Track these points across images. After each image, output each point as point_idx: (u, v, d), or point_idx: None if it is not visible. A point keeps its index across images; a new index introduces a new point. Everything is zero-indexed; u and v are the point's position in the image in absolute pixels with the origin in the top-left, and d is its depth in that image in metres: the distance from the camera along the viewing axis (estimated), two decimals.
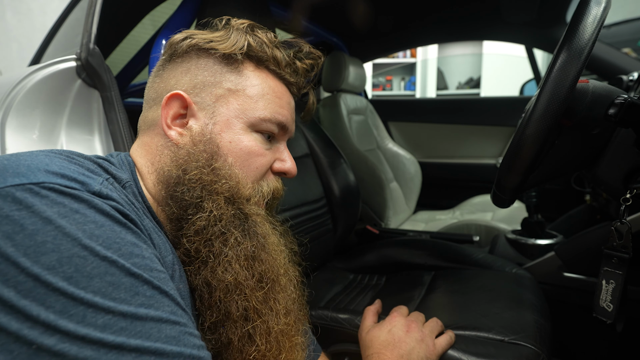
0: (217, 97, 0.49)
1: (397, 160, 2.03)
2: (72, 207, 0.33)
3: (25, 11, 2.38)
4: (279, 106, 0.51)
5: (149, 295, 0.34)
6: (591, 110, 0.57)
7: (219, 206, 0.45)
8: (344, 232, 1.31)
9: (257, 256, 0.46)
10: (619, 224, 0.60)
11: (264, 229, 0.48)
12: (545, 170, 0.64)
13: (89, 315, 0.30)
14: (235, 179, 0.47)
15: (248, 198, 0.48)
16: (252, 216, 0.48)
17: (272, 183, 0.53)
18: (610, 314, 0.60)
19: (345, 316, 0.82)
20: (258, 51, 0.50)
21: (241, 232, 0.46)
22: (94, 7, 0.74)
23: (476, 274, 1.09)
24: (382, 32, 1.88)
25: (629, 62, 1.33)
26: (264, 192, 0.51)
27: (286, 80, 0.54)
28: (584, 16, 0.51)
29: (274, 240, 0.50)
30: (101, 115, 0.73)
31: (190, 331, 0.36)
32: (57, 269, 0.30)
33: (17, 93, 0.67)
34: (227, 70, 0.49)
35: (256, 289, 0.45)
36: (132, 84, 1.32)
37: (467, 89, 4.30)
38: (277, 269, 0.47)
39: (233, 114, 0.48)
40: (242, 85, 0.49)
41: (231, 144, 0.48)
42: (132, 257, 0.34)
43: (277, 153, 0.54)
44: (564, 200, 1.82)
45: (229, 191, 0.46)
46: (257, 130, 0.50)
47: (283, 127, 0.53)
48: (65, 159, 0.38)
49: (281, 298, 0.47)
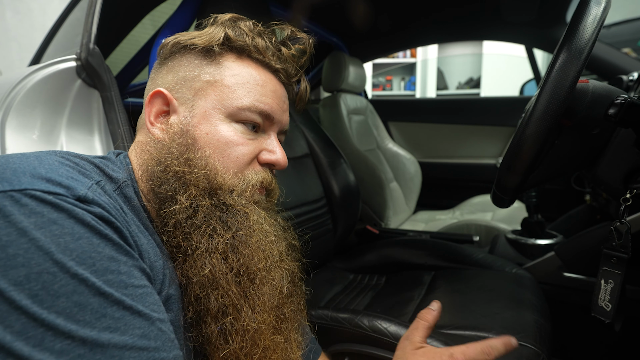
0: (196, 90, 0.49)
1: (397, 160, 2.03)
2: (50, 218, 0.32)
3: (25, 11, 2.37)
4: (260, 94, 0.49)
5: (117, 317, 0.32)
6: (591, 110, 0.57)
7: (193, 196, 0.44)
8: (344, 232, 1.31)
9: (236, 248, 0.44)
10: (619, 224, 0.60)
11: (249, 220, 0.46)
12: (545, 170, 0.64)
13: (48, 339, 0.29)
14: (212, 169, 0.46)
15: (231, 189, 0.47)
16: (236, 207, 0.46)
17: (261, 173, 0.50)
18: (609, 313, 0.60)
19: (345, 316, 0.82)
20: (237, 40, 0.49)
21: (221, 224, 0.44)
22: (94, 7, 0.74)
23: (476, 274, 1.09)
24: (382, 32, 1.88)
25: (629, 62, 1.33)
26: (250, 182, 0.49)
27: (271, 67, 0.52)
28: (584, 16, 0.51)
29: (263, 230, 0.47)
30: (101, 115, 0.73)
31: (162, 356, 0.34)
32: (24, 285, 0.29)
33: (17, 93, 0.67)
34: (207, 64, 0.49)
35: (234, 283, 0.43)
36: (132, 84, 1.32)
37: (467, 89, 4.29)
38: (257, 262, 0.45)
39: (211, 105, 0.48)
40: (221, 76, 0.49)
41: (208, 136, 0.47)
42: (107, 273, 0.33)
43: (264, 144, 0.51)
44: (564, 200, 1.82)
45: (204, 181, 0.45)
46: (238, 121, 0.49)
47: (267, 116, 0.50)
48: (58, 160, 0.38)
49: (262, 293, 0.45)
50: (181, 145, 0.46)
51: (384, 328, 0.76)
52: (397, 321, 0.77)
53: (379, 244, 1.34)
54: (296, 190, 1.13)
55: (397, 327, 0.75)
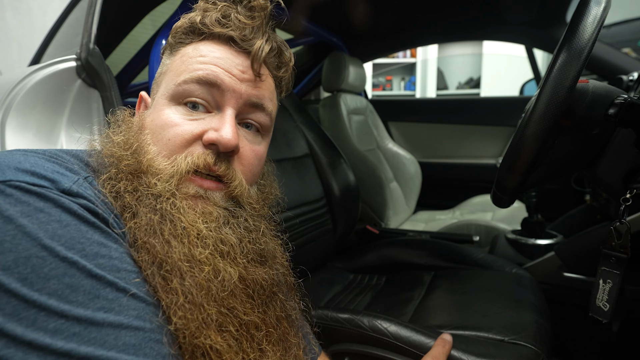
0: (157, 84, 0.49)
1: (397, 160, 2.03)
2: (36, 206, 0.32)
3: (25, 11, 2.37)
4: (199, 63, 0.45)
5: (110, 299, 0.32)
6: (591, 110, 0.57)
7: (126, 182, 0.41)
8: (344, 232, 1.31)
9: (153, 237, 0.39)
10: (619, 224, 0.60)
11: (163, 206, 0.41)
12: (545, 170, 0.64)
13: (41, 319, 0.29)
14: (143, 153, 0.43)
15: (157, 173, 0.42)
16: (153, 192, 0.41)
17: (196, 156, 0.43)
18: (606, 313, 0.60)
19: (345, 316, 0.82)
20: (187, 24, 0.47)
21: (143, 208, 0.40)
22: (94, 7, 0.74)
23: (476, 274, 1.09)
24: (382, 32, 1.88)
25: (629, 62, 1.33)
26: (179, 168, 0.42)
27: (222, 37, 0.46)
28: (584, 16, 0.51)
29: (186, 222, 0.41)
30: (101, 115, 0.73)
31: (158, 337, 0.34)
32: (12, 270, 0.29)
33: (17, 93, 0.67)
34: (166, 57, 0.50)
35: (157, 275, 0.38)
36: (132, 84, 1.32)
37: (467, 89, 4.29)
38: (175, 254, 0.39)
39: (160, 93, 0.47)
40: (171, 64, 0.48)
41: (152, 122, 0.46)
42: (97, 257, 0.33)
43: (212, 123, 0.45)
44: (564, 200, 1.82)
45: (129, 162, 0.42)
46: (181, 103, 0.45)
47: (210, 83, 0.44)
48: (44, 157, 0.38)
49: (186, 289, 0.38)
50: (127, 131, 0.46)
51: (384, 328, 0.76)
52: (397, 321, 0.77)
53: (379, 244, 1.34)
54: (296, 190, 1.13)
55: (397, 327, 0.75)
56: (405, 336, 0.74)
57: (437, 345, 0.67)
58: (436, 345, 0.67)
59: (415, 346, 0.73)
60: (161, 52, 0.53)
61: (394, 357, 0.74)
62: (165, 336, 0.35)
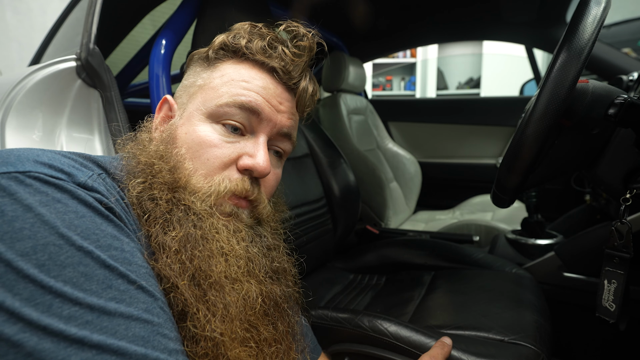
0: (190, 95, 0.50)
1: (397, 160, 2.03)
2: (54, 197, 0.33)
3: (25, 11, 2.37)
4: (243, 88, 0.47)
5: (122, 290, 0.33)
6: (591, 110, 0.57)
7: (160, 193, 0.43)
8: (344, 232, 1.31)
9: (190, 249, 0.41)
10: (619, 224, 0.60)
11: (204, 224, 0.43)
12: (545, 170, 0.64)
13: (55, 305, 0.30)
14: (179, 168, 0.45)
15: (194, 191, 0.44)
16: (194, 209, 0.43)
17: (234, 182, 0.46)
18: (613, 313, 0.60)
19: (345, 316, 0.82)
20: (231, 44, 0.49)
21: (177, 222, 0.42)
22: (94, 7, 0.74)
23: (476, 274, 1.09)
24: (382, 32, 1.88)
25: (629, 62, 1.33)
26: (216, 188, 0.45)
27: (267, 66, 0.49)
28: (584, 16, 0.51)
29: (225, 240, 0.44)
30: (101, 115, 0.73)
31: (165, 332, 0.34)
32: (31, 256, 0.30)
33: (17, 93, 0.67)
34: (202, 69, 0.51)
35: (190, 286, 0.40)
36: (132, 84, 1.32)
37: (467, 89, 4.29)
38: (219, 269, 0.42)
39: (195, 107, 0.48)
40: (210, 79, 0.49)
41: (187, 135, 0.47)
42: (110, 249, 0.34)
43: (247, 148, 0.47)
44: (564, 200, 1.82)
45: (167, 176, 0.44)
46: (219, 122, 0.47)
47: (251, 110, 0.46)
48: (59, 153, 0.39)
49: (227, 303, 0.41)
50: (163, 144, 0.47)
51: (384, 328, 0.76)
52: (397, 321, 0.77)
53: (379, 244, 1.34)
54: (296, 190, 1.13)
55: (397, 327, 0.75)
56: (405, 336, 0.74)
57: (436, 346, 0.67)
58: (435, 346, 0.67)
59: (415, 346, 0.73)
60: (189, 59, 0.53)
61: (394, 357, 0.74)
62: (172, 332, 0.36)
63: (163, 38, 0.89)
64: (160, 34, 0.90)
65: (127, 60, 1.21)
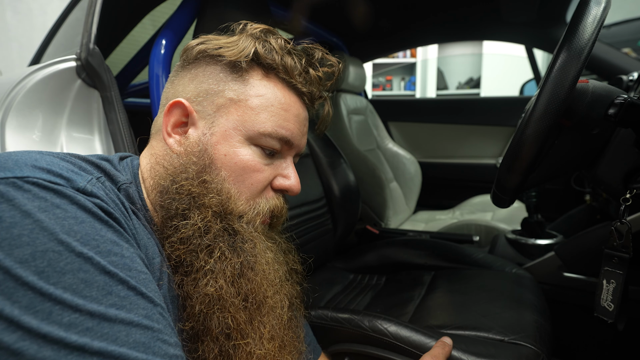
0: (218, 106, 0.47)
1: (397, 160, 2.03)
2: (53, 202, 0.33)
3: (25, 11, 2.37)
4: (283, 119, 0.48)
5: (122, 296, 0.33)
6: (591, 110, 0.57)
7: (207, 219, 0.44)
8: (344, 232, 1.31)
9: (244, 274, 0.44)
10: (619, 224, 0.60)
11: (255, 248, 0.46)
12: (545, 170, 0.64)
13: (55, 313, 0.29)
14: (226, 194, 0.45)
15: (240, 215, 0.46)
16: (243, 233, 0.46)
17: (272, 201, 0.50)
18: (611, 313, 0.60)
19: (345, 316, 0.82)
20: (266, 58, 0.47)
21: (229, 248, 0.44)
22: (94, 7, 0.74)
23: (476, 274, 1.09)
24: (382, 32, 1.87)
25: (629, 62, 1.33)
26: (260, 209, 0.48)
27: (298, 90, 0.50)
28: (584, 16, 0.51)
29: (267, 259, 0.47)
30: (101, 115, 0.73)
31: (165, 338, 0.34)
32: (30, 263, 0.30)
33: (17, 93, 0.67)
34: (232, 79, 0.47)
35: (241, 309, 0.43)
36: (132, 84, 1.32)
37: (467, 89, 4.29)
38: (266, 290, 0.45)
39: (232, 125, 0.46)
40: (245, 95, 0.47)
41: (226, 157, 0.46)
42: (110, 255, 0.34)
43: (280, 169, 0.50)
44: (564, 200, 1.82)
45: (218, 206, 0.45)
46: (257, 144, 0.48)
47: (287, 142, 0.49)
48: (58, 157, 0.38)
49: (267, 321, 0.45)
50: (198, 165, 0.45)
51: (384, 328, 0.76)
52: (397, 321, 0.77)
53: (379, 244, 1.34)
54: None
55: (397, 327, 0.75)
56: (405, 336, 0.74)
57: (437, 346, 0.67)
58: (436, 346, 0.67)
59: (415, 346, 0.73)
60: (193, 51, 0.49)
61: (394, 357, 0.74)
62: (172, 338, 0.36)
63: (163, 38, 0.89)
64: (160, 34, 0.90)
65: (127, 60, 1.21)
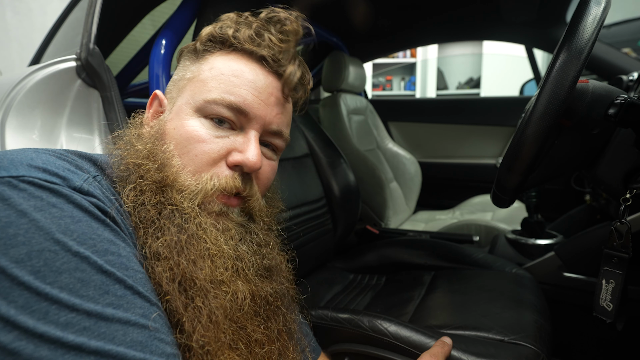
0: (179, 89, 0.48)
1: (397, 160, 2.03)
2: (49, 201, 0.32)
3: (25, 11, 2.37)
4: (232, 85, 0.45)
5: (119, 295, 0.32)
6: (591, 110, 0.57)
7: (142, 191, 0.42)
8: (344, 232, 1.31)
9: (177, 254, 0.40)
10: (619, 224, 0.60)
11: (191, 227, 0.42)
12: (545, 170, 0.64)
13: (52, 312, 0.29)
14: (167, 165, 0.43)
15: (181, 189, 0.43)
16: (179, 209, 0.42)
17: (224, 179, 0.44)
18: (610, 313, 0.60)
19: (345, 316, 0.82)
20: (218, 35, 0.47)
21: (168, 225, 0.41)
22: (94, 7, 0.74)
23: (476, 274, 1.09)
24: (382, 32, 1.88)
25: (629, 62, 1.33)
26: (204, 187, 0.43)
27: (254, 55, 0.47)
28: (584, 16, 0.51)
29: (213, 242, 0.43)
30: (101, 115, 0.73)
31: (162, 337, 0.34)
32: (25, 263, 0.29)
33: (17, 93, 0.67)
34: (191, 63, 0.49)
35: (178, 293, 0.39)
36: (132, 84, 1.32)
37: (467, 89, 4.29)
38: (203, 274, 0.41)
39: (184, 100, 0.47)
40: (198, 72, 0.47)
41: (175, 130, 0.45)
42: (107, 254, 0.33)
43: (237, 143, 0.46)
44: (564, 200, 1.82)
45: (155, 175, 0.43)
46: (207, 116, 0.45)
47: (239, 110, 0.45)
48: (54, 155, 0.38)
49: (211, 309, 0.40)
50: (148, 140, 0.46)
51: (384, 328, 0.76)
52: (397, 321, 0.77)
53: (379, 244, 1.34)
54: (296, 190, 1.13)
55: (397, 327, 0.75)
56: (405, 336, 0.74)
57: (437, 345, 0.67)
58: (436, 345, 0.68)
59: (415, 346, 0.73)
60: (179, 54, 0.52)
61: (394, 357, 0.74)
62: (169, 336, 0.35)
63: (163, 38, 0.89)
64: (160, 34, 0.90)
65: (127, 60, 1.21)
